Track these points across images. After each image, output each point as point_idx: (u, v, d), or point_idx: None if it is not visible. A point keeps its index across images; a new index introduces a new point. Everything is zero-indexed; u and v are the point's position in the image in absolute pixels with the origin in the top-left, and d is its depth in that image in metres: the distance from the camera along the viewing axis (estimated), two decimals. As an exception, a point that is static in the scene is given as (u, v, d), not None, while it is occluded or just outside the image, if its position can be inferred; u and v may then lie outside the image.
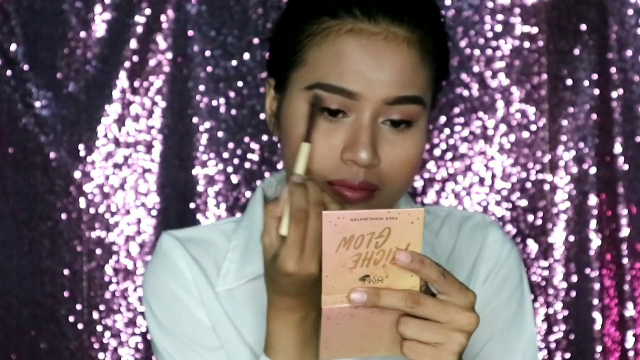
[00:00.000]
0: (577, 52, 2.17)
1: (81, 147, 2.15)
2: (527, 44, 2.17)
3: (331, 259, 1.08)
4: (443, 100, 2.16)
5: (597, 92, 2.16)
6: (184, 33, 2.16)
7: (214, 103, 2.16)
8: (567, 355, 2.18)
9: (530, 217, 2.18)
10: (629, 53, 2.16)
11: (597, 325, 2.17)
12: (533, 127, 2.17)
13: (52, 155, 2.15)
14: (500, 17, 2.17)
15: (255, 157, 2.17)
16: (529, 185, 2.18)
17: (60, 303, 2.15)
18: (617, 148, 2.16)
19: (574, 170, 2.17)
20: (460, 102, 2.17)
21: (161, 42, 2.16)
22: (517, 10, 2.16)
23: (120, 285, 2.15)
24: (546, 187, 2.18)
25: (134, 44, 2.15)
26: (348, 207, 1.22)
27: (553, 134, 2.17)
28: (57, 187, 2.15)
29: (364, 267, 1.09)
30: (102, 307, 2.15)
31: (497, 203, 2.18)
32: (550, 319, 2.17)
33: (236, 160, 2.17)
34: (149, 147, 2.16)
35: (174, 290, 1.34)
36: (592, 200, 2.17)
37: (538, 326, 2.15)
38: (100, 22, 2.15)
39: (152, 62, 2.15)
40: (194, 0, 2.15)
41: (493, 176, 2.18)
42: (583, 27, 2.16)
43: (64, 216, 2.15)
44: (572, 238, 2.17)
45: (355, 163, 1.21)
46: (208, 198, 2.16)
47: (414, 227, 1.07)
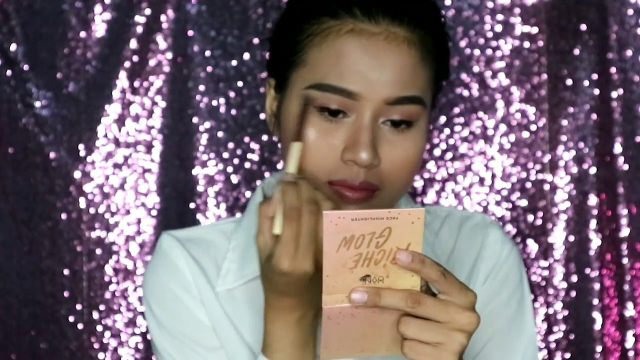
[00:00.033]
0: (577, 52, 2.17)
1: (81, 147, 2.15)
2: (527, 44, 2.17)
3: (332, 259, 1.08)
4: (443, 100, 2.16)
5: (597, 92, 2.17)
6: (184, 33, 2.16)
7: (214, 103, 2.16)
8: (567, 355, 2.18)
9: (530, 217, 2.18)
10: (629, 53, 2.16)
11: (597, 325, 2.17)
12: (533, 127, 2.17)
13: (52, 155, 2.15)
14: (500, 17, 2.17)
15: (255, 157, 2.17)
16: (529, 185, 2.18)
17: (60, 303, 2.15)
18: (617, 148, 2.16)
19: (574, 170, 2.17)
20: (460, 102, 2.17)
21: (161, 42, 2.16)
22: (517, 10, 2.16)
23: (120, 285, 2.15)
24: (546, 187, 2.18)
25: (134, 44, 2.15)
26: (348, 207, 1.22)
27: (553, 134, 2.17)
28: (57, 187, 2.15)
29: (365, 267, 1.09)
30: (102, 307, 2.15)
31: (497, 203, 2.18)
32: (550, 319, 2.17)
33: (236, 160, 2.17)
34: (149, 147, 2.16)
35: (174, 290, 1.34)
36: (592, 200, 2.17)
37: (538, 326, 2.15)
38: (100, 22, 2.15)
39: (152, 62, 2.16)
40: (194, 0, 2.15)
41: (493, 176, 2.18)
42: (583, 27, 2.16)
43: (64, 216, 2.15)
44: (572, 238, 2.17)
45: (356, 163, 1.21)
46: (208, 198, 2.16)
47: (415, 227, 1.07)
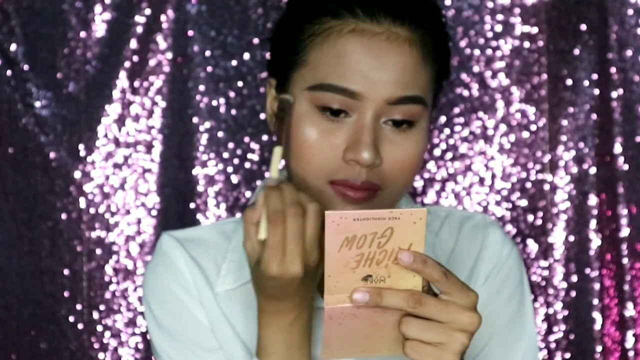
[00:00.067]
0: (577, 52, 2.17)
1: (81, 147, 2.15)
2: (527, 44, 2.17)
3: (334, 259, 1.08)
4: (443, 100, 2.16)
5: (597, 92, 2.17)
6: (184, 33, 2.16)
7: (214, 103, 2.16)
8: (567, 355, 2.18)
9: (530, 217, 2.18)
10: (629, 53, 2.16)
11: (597, 325, 2.17)
12: (533, 127, 2.17)
13: (52, 155, 2.15)
14: (500, 17, 2.17)
15: (255, 157, 2.17)
16: (529, 185, 2.18)
17: (60, 303, 2.15)
18: (617, 148, 2.16)
19: (574, 170, 2.17)
20: (460, 102, 2.17)
21: (161, 42, 2.16)
22: (517, 10, 2.16)
23: (120, 285, 2.15)
24: (546, 187, 2.18)
25: (134, 44, 2.15)
26: (350, 207, 1.22)
27: (553, 134, 2.17)
28: (57, 187, 2.15)
29: (367, 267, 1.09)
30: (102, 307, 2.15)
31: (497, 203, 2.18)
32: (550, 319, 2.17)
33: (236, 160, 2.17)
34: (149, 147, 2.16)
35: (173, 290, 1.34)
36: (592, 200, 2.17)
37: (538, 326, 2.15)
38: (100, 22, 2.15)
39: (152, 62, 2.15)
40: (194, 0, 2.15)
41: (493, 176, 2.18)
42: (583, 27, 2.16)
43: (64, 216, 2.15)
44: (572, 238, 2.17)
45: (358, 163, 1.21)
46: (208, 198, 2.16)
47: (417, 227, 1.07)
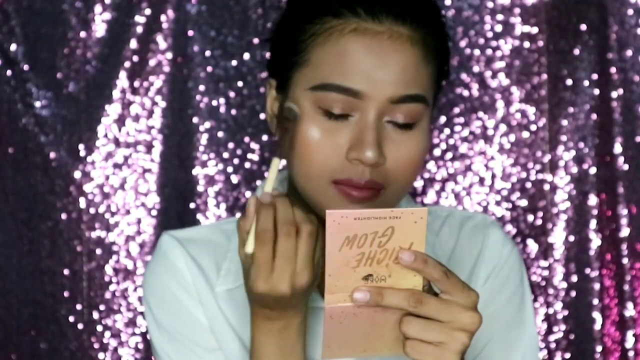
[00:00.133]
0: (577, 52, 2.17)
1: (81, 147, 2.15)
2: (527, 44, 2.17)
3: (334, 258, 1.08)
4: (443, 100, 2.16)
5: (597, 92, 2.17)
6: (184, 33, 2.16)
7: (214, 103, 2.16)
8: (567, 355, 2.18)
9: (530, 217, 2.18)
10: (629, 53, 2.16)
11: (597, 325, 2.17)
12: (533, 127, 2.17)
13: (52, 155, 2.15)
14: (500, 17, 2.17)
15: (255, 157, 2.17)
16: (529, 185, 2.18)
17: (60, 303, 2.15)
18: (617, 148, 2.16)
19: (574, 170, 2.17)
20: (460, 102, 2.17)
21: (161, 42, 2.16)
22: (517, 10, 2.16)
23: (120, 285, 2.15)
24: (546, 187, 2.18)
25: (134, 44, 2.15)
26: (353, 207, 1.22)
27: (553, 134, 2.17)
28: (57, 187, 2.15)
29: (367, 266, 1.09)
30: (102, 307, 2.15)
31: (497, 203, 2.18)
32: (550, 319, 2.17)
33: (236, 160, 2.17)
34: (149, 147, 2.16)
35: (173, 290, 1.34)
36: (592, 200, 2.17)
37: (538, 326, 2.15)
38: (100, 22, 2.15)
39: (152, 62, 2.15)
40: (194, 0, 2.15)
41: (493, 176, 2.18)
42: (583, 27, 2.16)
43: (64, 216, 2.15)
44: (572, 238, 2.17)
45: (362, 162, 1.21)
46: (208, 198, 2.16)
47: (417, 227, 1.07)
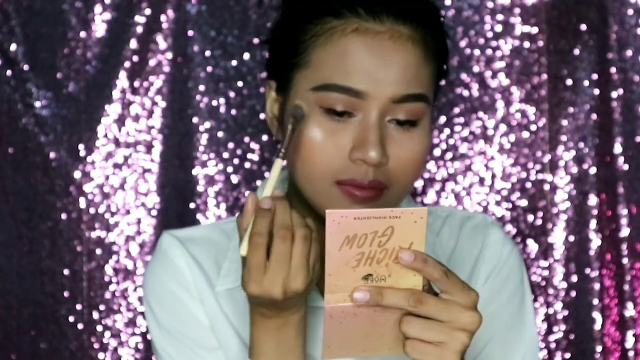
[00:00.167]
0: (577, 52, 2.17)
1: (81, 147, 2.15)
2: (527, 44, 2.17)
3: (334, 258, 1.08)
4: (443, 100, 2.16)
5: (597, 92, 2.16)
6: (184, 33, 2.16)
7: (214, 103, 2.16)
8: (567, 355, 2.18)
9: (530, 217, 2.18)
10: (629, 53, 2.16)
11: (597, 325, 2.17)
12: (533, 127, 2.17)
13: (52, 155, 2.14)
14: (500, 17, 2.17)
15: (255, 157, 2.17)
16: (529, 185, 2.18)
17: (60, 303, 2.14)
18: (617, 148, 2.16)
19: (574, 170, 2.17)
20: (460, 102, 2.17)
21: (161, 42, 2.16)
22: (517, 10, 2.16)
23: (120, 285, 2.15)
24: (546, 187, 2.18)
25: (134, 44, 2.15)
26: (357, 207, 1.22)
27: (553, 134, 2.17)
28: (57, 187, 2.15)
29: (367, 266, 1.09)
30: (102, 307, 2.15)
31: (497, 203, 2.18)
32: (550, 319, 2.17)
33: (236, 160, 2.16)
34: (149, 147, 2.16)
35: (173, 290, 1.34)
36: (592, 200, 2.17)
37: (538, 326, 2.15)
38: (100, 22, 2.15)
39: (152, 62, 2.15)
40: (194, 0, 2.15)
41: (493, 176, 2.18)
42: (583, 27, 2.16)
43: (64, 216, 2.15)
44: (572, 238, 2.17)
45: (365, 162, 1.21)
46: (208, 198, 2.16)
47: (417, 226, 1.08)
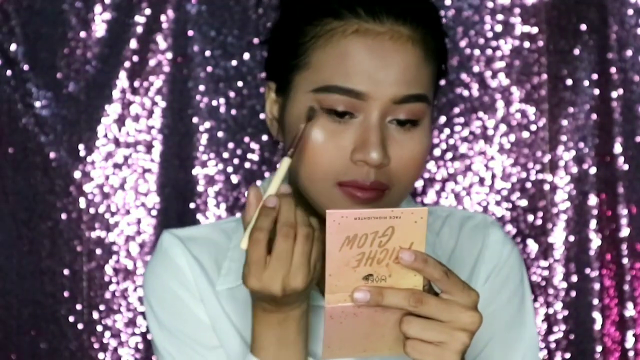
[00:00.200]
0: (577, 52, 2.17)
1: (81, 147, 2.15)
2: (527, 44, 2.17)
3: (334, 258, 1.08)
4: (443, 100, 2.16)
5: (597, 92, 2.16)
6: (184, 33, 2.16)
7: (214, 103, 2.16)
8: (567, 355, 2.18)
9: (530, 217, 2.18)
10: (629, 53, 2.16)
11: (597, 325, 2.17)
12: (533, 127, 2.17)
13: (52, 155, 2.14)
14: (500, 17, 2.17)
15: (255, 157, 2.17)
16: (529, 185, 2.18)
17: (60, 303, 2.14)
18: (617, 148, 2.16)
19: (574, 170, 2.17)
20: (460, 102, 2.17)
21: (161, 42, 2.16)
22: (517, 10, 2.16)
23: (120, 285, 2.15)
24: (546, 187, 2.18)
25: (134, 44, 2.15)
26: (359, 208, 1.21)
27: (553, 134, 2.17)
28: (57, 187, 2.15)
29: (367, 266, 1.09)
30: (102, 307, 2.15)
31: (497, 203, 2.18)
32: (550, 319, 2.17)
33: (236, 160, 2.16)
34: (149, 147, 2.16)
35: (174, 289, 1.34)
36: (592, 200, 2.17)
37: (538, 326, 2.15)
38: (100, 22, 2.15)
39: (152, 62, 2.15)
40: (194, 0, 2.15)
41: (493, 176, 2.18)
42: (583, 27, 2.16)
43: (64, 216, 2.15)
44: (572, 238, 2.17)
45: (367, 163, 1.21)
46: (208, 198, 2.16)
47: (418, 226, 1.08)
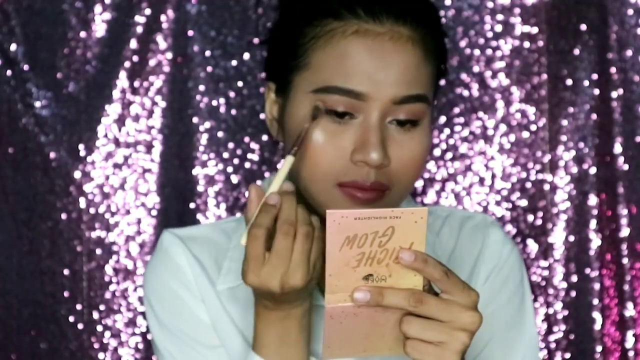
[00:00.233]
0: (577, 52, 2.17)
1: (81, 147, 2.15)
2: (527, 44, 2.17)
3: (334, 258, 1.08)
4: (443, 100, 2.16)
5: (597, 92, 2.17)
6: (184, 33, 2.16)
7: (214, 103, 2.16)
8: (567, 355, 2.18)
9: (530, 217, 2.18)
10: (629, 53, 2.16)
11: (597, 325, 2.17)
12: (533, 127, 2.17)
13: (52, 155, 2.14)
14: (500, 17, 2.17)
15: (255, 157, 2.17)
16: (529, 185, 2.18)
17: (60, 303, 2.15)
18: (617, 148, 2.16)
19: (574, 170, 2.17)
20: (460, 102, 2.17)
21: (161, 42, 2.16)
22: (517, 10, 2.16)
23: (120, 285, 2.15)
24: (546, 187, 2.18)
25: (134, 44, 2.15)
26: (359, 208, 1.21)
27: (553, 134, 2.17)
28: (57, 187, 2.15)
29: (368, 266, 1.09)
30: (102, 307, 2.15)
31: (497, 203, 2.18)
32: (550, 319, 2.17)
33: (236, 160, 2.16)
34: (149, 147, 2.16)
35: (174, 288, 1.34)
36: (592, 200, 2.17)
37: (538, 326, 2.15)
38: (100, 22, 2.15)
39: (152, 62, 2.15)
40: (194, 0, 2.15)
41: (493, 176, 2.18)
42: (583, 27, 2.16)
43: (64, 216, 2.15)
44: (572, 238, 2.17)
45: (367, 164, 1.21)
46: (208, 198, 2.16)
47: (418, 226, 1.08)
